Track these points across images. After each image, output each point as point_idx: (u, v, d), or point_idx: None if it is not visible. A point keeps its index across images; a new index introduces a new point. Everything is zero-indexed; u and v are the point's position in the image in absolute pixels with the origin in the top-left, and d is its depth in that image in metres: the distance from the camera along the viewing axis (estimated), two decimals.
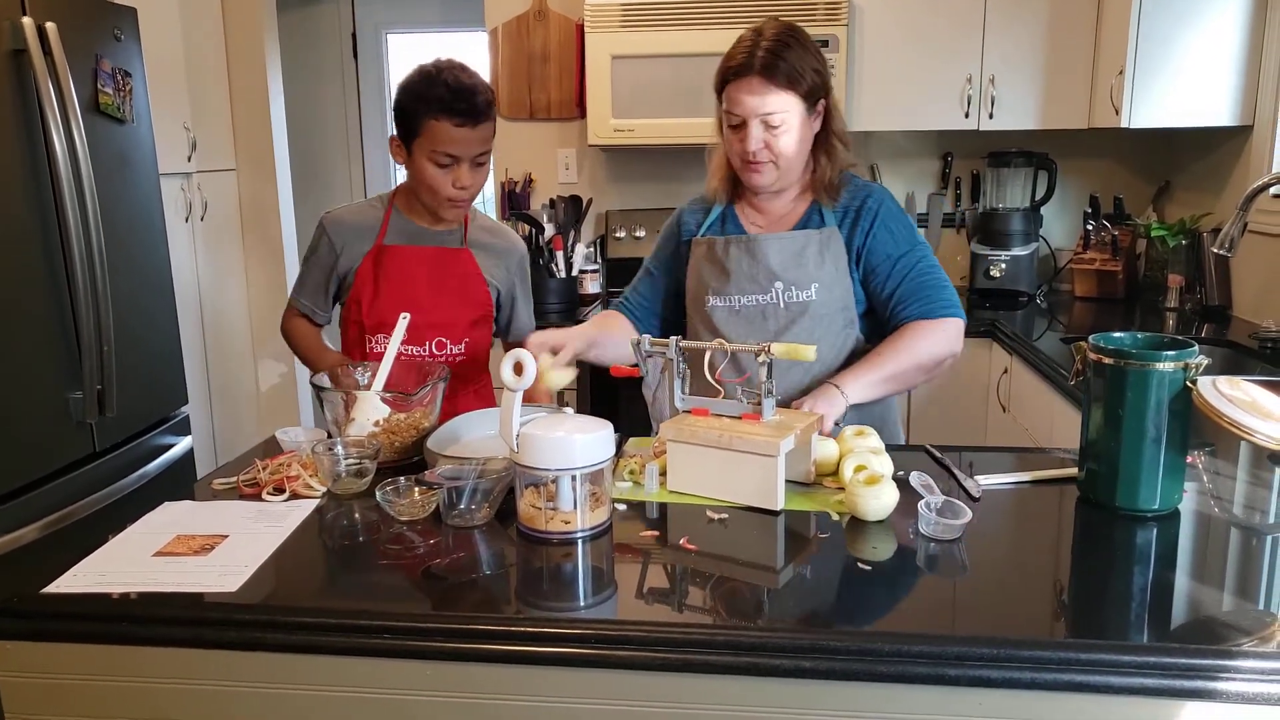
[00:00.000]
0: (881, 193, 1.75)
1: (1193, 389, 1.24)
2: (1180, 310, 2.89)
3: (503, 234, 1.96)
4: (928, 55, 3.04)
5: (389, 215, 1.85)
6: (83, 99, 2.28)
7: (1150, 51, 2.70)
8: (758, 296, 1.71)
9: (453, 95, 1.67)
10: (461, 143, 1.70)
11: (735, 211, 1.81)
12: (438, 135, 1.69)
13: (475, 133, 1.70)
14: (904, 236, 1.71)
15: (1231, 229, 2.10)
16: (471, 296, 1.87)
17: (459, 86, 1.67)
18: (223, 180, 3.63)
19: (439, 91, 1.67)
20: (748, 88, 1.62)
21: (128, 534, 1.28)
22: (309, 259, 1.91)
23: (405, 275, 1.82)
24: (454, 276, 1.85)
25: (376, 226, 1.84)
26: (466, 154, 1.71)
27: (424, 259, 1.83)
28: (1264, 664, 0.95)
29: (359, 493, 1.42)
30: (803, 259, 1.70)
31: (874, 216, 1.70)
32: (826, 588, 1.15)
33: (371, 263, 1.83)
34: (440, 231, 1.86)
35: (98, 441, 2.39)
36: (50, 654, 1.11)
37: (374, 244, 1.83)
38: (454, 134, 1.68)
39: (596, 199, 3.57)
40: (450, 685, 1.05)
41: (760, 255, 1.71)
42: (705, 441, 1.37)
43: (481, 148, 1.73)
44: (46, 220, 2.21)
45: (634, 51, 3.07)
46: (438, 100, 1.67)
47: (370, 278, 1.83)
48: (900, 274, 1.69)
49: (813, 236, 1.70)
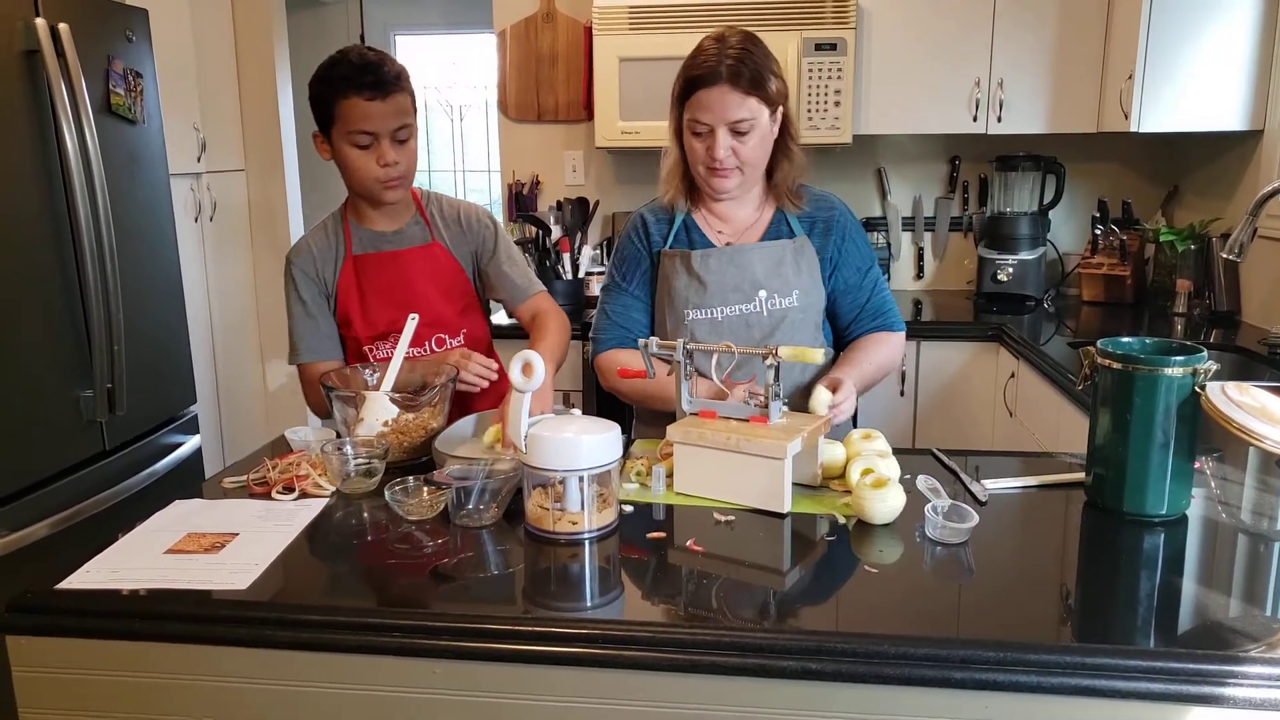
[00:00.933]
0: (843, 206, 1.82)
1: (1201, 394, 1.24)
2: (1188, 315, 2.88)
3: (463, 213, 1.87)
4: (936, 58, 3.04)
5: (347, 228, 1.81)
6: (94, 99, 2.29)
7: (1160, 55, 2.70)
8: (741, 306, 1.73)
9: (358, 70, 1.64)
10: (376, 117, 1.66)
11: (695, 220, 1.79)
12: (350, 114, 1.66)
13: (387, 105, 1.66)
14: (866, 251, 1.82)
15: (1241, 234, 2.10)
16: (454, 288, 1.84)
17: (363, 62, 1.65)
18: (232, 180, 3.65)
19: (343, 70, 1.65)
20: (718, 95, 1.62)
21: (139, 531, 1.29)
22: (294, 308, 1.81)
23: (387, 281, 1.79)
24: (431, 272, 1.82)
25: (339, 242, 1.80)
26: (383, 129, 1.67)
27: (400, 262, 1.80)
28: (1271, 670, 0.95)
29: (368, 492, 1.42)
30: (782, 267, 1.74)
31: (844, 230, 1.78)
32: (833, 590, 1.15)
33: (350, 277, 1.79)
34: (403, 231, 1.82)
35: (108, 440, 2.40)
36: (63, 649, 1.11)
37: (345, 259, 1.80)
38: (366, 109, 1.65)
39: (603, 201, 3.57)
40: (457, 684, 1.06)
41: (744, 265, 1.73)
42: (712, 444, 1.37)
43: (398, 120, 1.68)
44: (58, 219, 2.22)
45: (641, 54, 3.08)
46: (343, 79, 1.65)
47: (354, 291, 1.79)
48: (868, 288, 1.80)
49: (787, 246, 1.74)
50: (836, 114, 3.00)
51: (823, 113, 3.01)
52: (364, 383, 1.66)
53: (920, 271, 3.51)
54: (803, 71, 2.98)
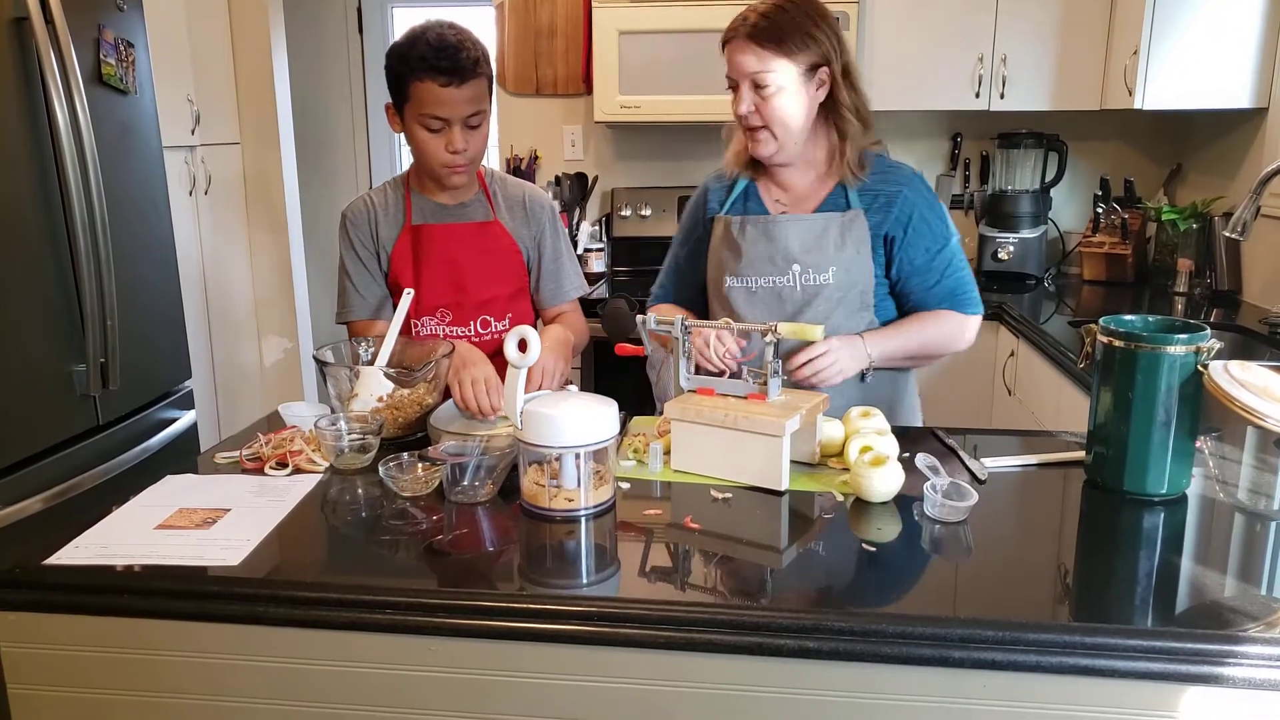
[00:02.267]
0: (916, 181, 1.71)
1: (1204, 373, 1.23)
2: (1189, 295, 2.87)
3: (527, 195, 1.84)
4: (939, 34, 3.00)
5: (408, 196, 1.78)
6: (85, 69, 2.25)
7: (1165, 31, 2.66)
8: (774, 278, 1.69)
9: (435, 53, 1.59)
10: (449, 103, 1.61)
11: (758, 188, 1.77)
12: (424, 97, 1.61)
13: (462, 92, 1.61)
14: (939, 230, 1.70)
15: (1244, 213, 2.08)
16: (508, 270, 1.80)
17: (442, 44, 1.59)
18: (227, 153, 3.61)
19: (421, 50, 1.60)
20: (737, 49, 1.63)
21: (130, 507, 1.28)
22: (347, 265, 1.80)
23: (444, 255, 1.76)
24: (489, 252, 1.78)
25: (399, 209, 1.78)
26: (455, 115, 1.63)
27: (458, 236, 1.77)
28: (1269, 650, 0.94)
29: (362, 468, 1.41)
30: (823, 241, 1.67)
31: (910, 208, 1.67)
32: (830, 568, 1.14)
33: (407, 245, 1.76)
34: (465, 206, 1.79)
35: (101, 415, 2.39)
36: (52, 625, 1.11)
37: (403, 226, 1.77)
38: (440, 94, 1.60)
39: (602, 176, 3.54)
40: (452, 661, 1.05)
41: (778, 237, 1.68)
42: (710, 421, 1.36)
43: (471, 108, 1.63)
44: (49, 192, 2.19)
45: (641, 27, 3.04)
46: (420, 60, 1.59)
47: (409, 261, 1.76)
48: (939, 270, 1.69)
49: (834, 219, 1.67)
50: None
51: None
52: (358, 358, 1.64)
53: None
54: None
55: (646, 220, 3.42)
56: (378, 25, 4.58)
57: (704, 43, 3.01)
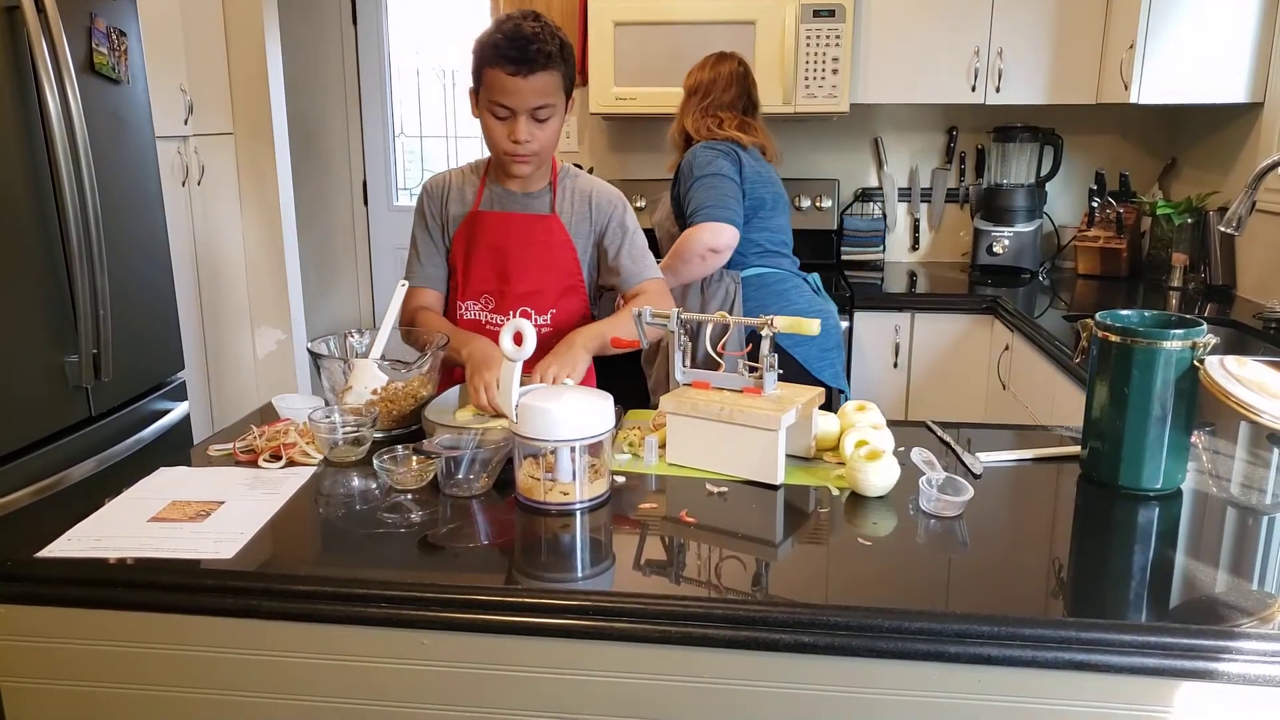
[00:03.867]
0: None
1: (1200, 368, 1.23)
2: (1184, 289, 2.87)
3: (595, 193, 1.83)
4: (935, 26, 2.99)
5: (484, 181, 1.81)
6: (77, 58, 2.24)
7: (1161, 25, 2.66)
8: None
9: (507, 42, 1.61)
10: (515, 93, 1.63)
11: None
12: (493, 85, 1.64)
13: (529, 83, 1.62)
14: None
15: (1239, 207, 2.09)
16: (558, 265, 1.80)
17: (515, 34, 1.61)
18: (220, 144, 3.59)
19: (495, 38, 1.63)
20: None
21: (123, 499, 1.27)
22: (415, 234, 1.85)
23: (494, 244, 1.78)
24: (540, 245, 1.78)
25: (473, 192, 1.81)
26: (521, 105, 1.64)
27: (512, 226, 1.78)
28: (1264, 645, 0.95)
29: (356, 461, 1.41)
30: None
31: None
32: (826, 563, 1.14)
33: (466, 229, 1.80)
34: (530, 197, 1.80)
35: (94, 406, 2.38)
36: (43, 618, 1.10)
37: (471, 209, 1.80)
38: (507, 84, 1.62)
39: (598, 168, 3.53)
40: (446, 655, 1.05)
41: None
42: (706, 414, 1.36)
43: (538, 100, 1.64)
44: (40, 182, 2.18)
45: (637, 18, 3.02)
46: (494, 47, 1.62)
47: (464, 245, 1.80)
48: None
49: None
50: (834, 82, 2.96)
51: (820, 80, 2.97)
52: (353, 350, 1.63)
53: (915, 243, 3.49)
54: (800, 38, 2.94)
55: (642, 212, 3.41)
56: (372, 16, 4.55)
57: (700, 34, 3.00)
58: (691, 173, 2.36)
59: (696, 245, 2.30)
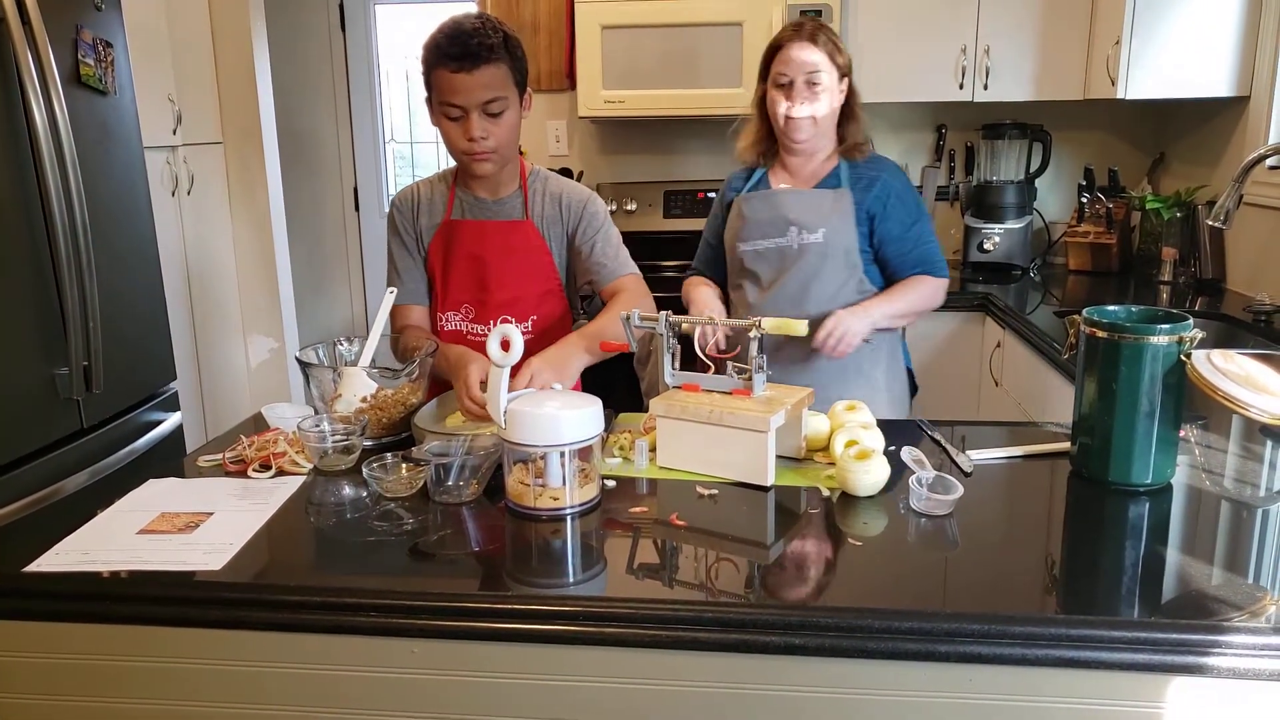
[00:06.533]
0: (893, 169, 2.09)
1: (1187, 362, 1.23)
2: (1174, 283, 2.87)
3: (565, 195, 1.81)
4: (922, 25, 3.00)
5: (453, 189, 1.80)
6: (63, 70, 2.23)
7: (1147, 21, 2.67)
8: (777, 240, 2.04)
9: (448, 40, 1.60)
10: (462, 90, 1.61)
11: (769, 175, 2.13)
12: (441, 85, 1.63)
13: (474, 78, 1.60)
14: (911, 209, 2.06)
15: (1227, 201, 2.09)
16: (536, 271, 1.79)
17: (455, 31, 1.60)
18: (209, 153, 3.58)
19: (437, 39, 1.62)
20: (798, 49, 1.95)
21: (111, 512, 1.27)
22: (391, 248, 1.84)
23: (470, 253, 1.77)
24: (517, 250, 1.77)
25: (442, 201, 1.80)
26: (470, 102, 1.62)
27: (486, 233, 1.77)
28: (1255, 639, 0.95)
29: (346, 469, 1.40)
30: (816, 209, 2.02)
31: (888, 191, 2.03)
32: (817, 564, 1.14)
33: (441, 241, 1.78)
34: (501, 204, 1.79)
35: (85, 418, 2.37)
36: (32, 633, 1.09)
37: (443, 219, 1.79)
38: (453, 81, 1.61)
39: (587, 172, 3.53)
40: (437, 663, 1.05)
41: (778, 204, 2.05)
42: (695, 417, 1.36)
43: (486, 94, 1.62)
44: (28, 194, 2.17)
45: (625, 21, 3.02)
46: (435, 48, 1.62)
47: (440, 256, 1.79)
48: (912, 240, 2.05)
49: (827, 195, 2.04)
50: None
51: None
52: (342, 358, 1.63)
53: None
54: None
55: (632, 215, 3.41)
56: (360, 22, 4.55)
57: (687, 37, 3.00)
58: (915, 203, 2.07)
59: (937, 303, 2.08)
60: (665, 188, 3.43)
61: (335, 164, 4.70)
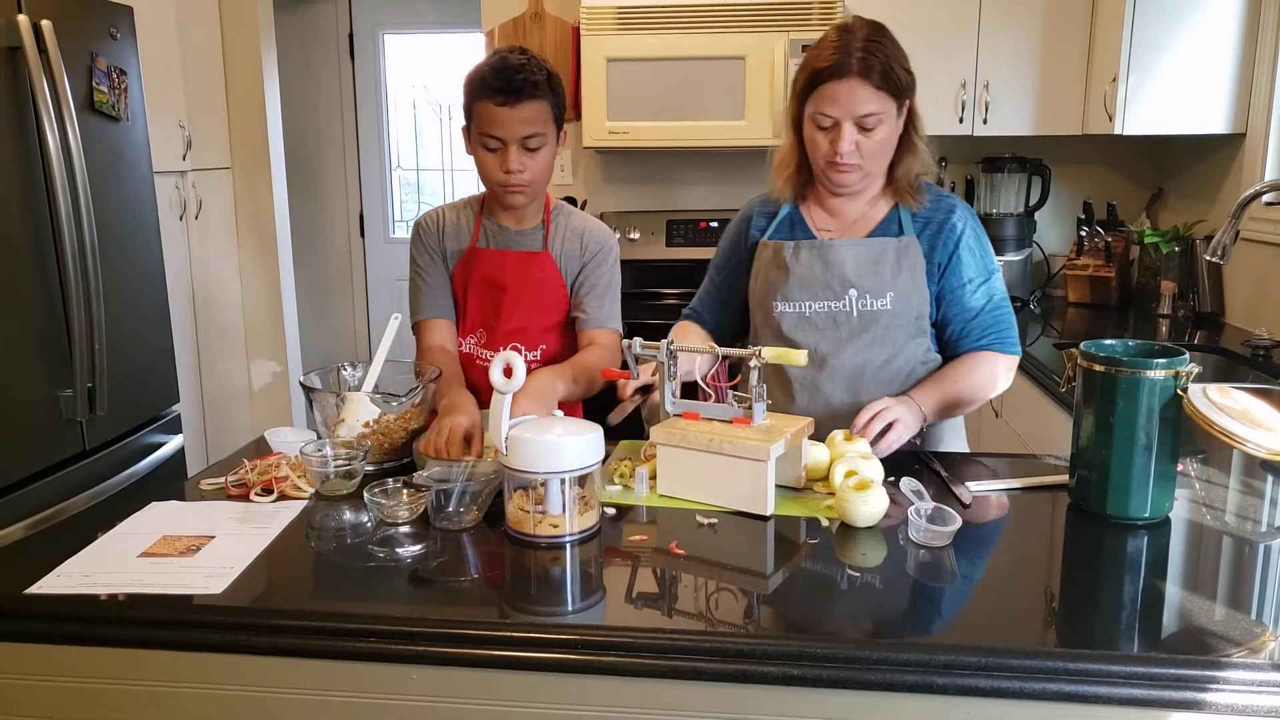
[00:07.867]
0: (964, 209, 1.70)
1: (1183, 397, 1.24)
2: (1173, 317, 2.89)
3: (587, 232, 1.82)
4: (922, 59, 2.98)
5: (479, 218, 1.83)
6: (77, 97, 2.27)
7: (1143, 58, 2.70)
8: (830, 303, 1.65)
9: (494, 74, 1.65)
10: (503, 124, 1.65)
11: (801, 213, 1.72)
12: (483, 117, 1.67)
13: (516, 113, 1.64)
14: (984, 260, 1.68)
15: (1224, 236, 2.11)
16: (549, 302, 1.81)
17: (502, 66, 1.65)
18: (218, 179, 3.62)
19: (483, 72, 1.66)
20: (846, 89, 1.54)
21: (113, 534, 1.27)
22: (418, 265, 1.84)
23: (490, 280, 1.80)
24: (533, 281, 1.80)
25: (469, 229, 1.82)
26: (510, 136, 1.66)
27: (507, 263, 1.80)
28: (1254, 675, 0.95)
29: (347, 494, 1.41)
30: (879, 267, 1.63)
31: (958, 235, 1.65)
32: (815, 594, 1.14)
33: (464, 266, 1.81)
34: (524, 234, 1.81)
35: (88, 440, 2.38)
36: (32, 655, 1.10)
37: (468, 246, 1.81)
38: (495, 114, 1.65)
39: (591, 201, 3.56)
40: (436, 689, 1.05)
41: (835, 261, 1.64)
42: (695, 445, 1.36)
43: (526, 129, 1.66)
44: (39, 217, 2.20)
45: (629, 54, 3.07)
46: (481, 80, 1.66)
47: (462, 281, 1.82)
48: (981, 299, 1.66)
49: (889, 244, 1.64)
50: None
51: None
52: (345, 383, 1.64)
53: None
54: (789, 74, 2.97)
55: (635, 244, 3.43)
56: (369, 51, 4.61)
57: (691, 70, 3.04)
58: (988, 254, 1.71)
59: (1004, 388, 1.74)
60: (668, 217, 3.46)
61: (341, 190, 4.74)
